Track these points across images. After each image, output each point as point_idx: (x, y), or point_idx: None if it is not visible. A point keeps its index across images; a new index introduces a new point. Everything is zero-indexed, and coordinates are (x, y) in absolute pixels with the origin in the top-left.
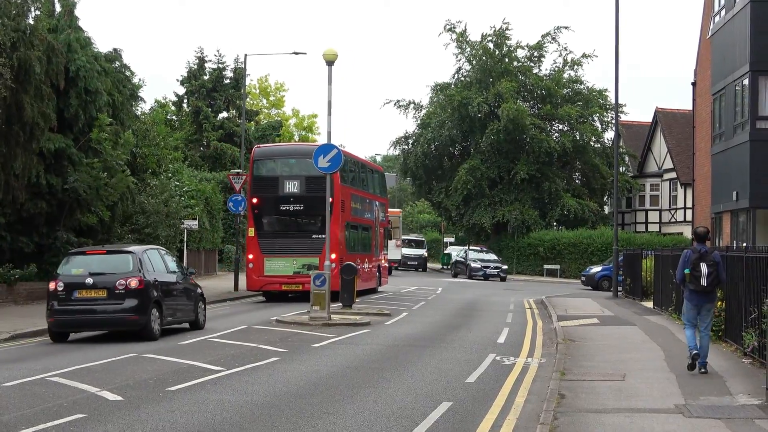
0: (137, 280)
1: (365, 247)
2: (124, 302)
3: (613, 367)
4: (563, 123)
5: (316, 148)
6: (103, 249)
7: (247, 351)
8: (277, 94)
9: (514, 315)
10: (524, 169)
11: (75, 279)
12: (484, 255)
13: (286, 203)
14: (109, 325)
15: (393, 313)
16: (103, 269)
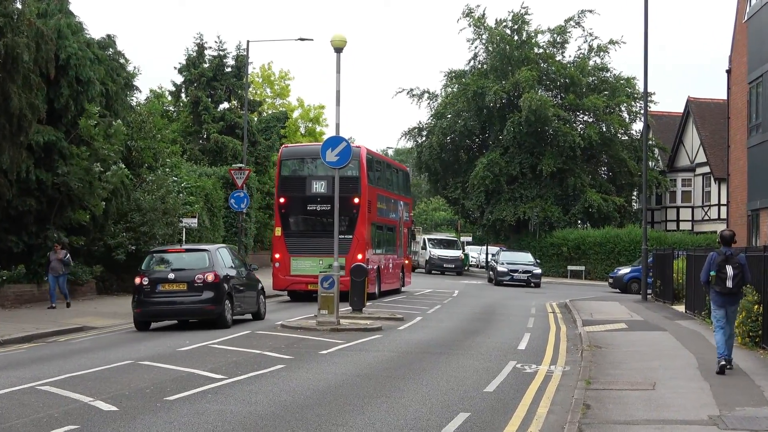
0: (213, 274)
1: (390, 248)
2: (202, 294)
3: (642, 376)
4: (588, 114)
5: (324, 141)
6: (182, 248)
7: (250, 358)
8: (282, 83)
9: (536, 320)
10: (550, 163)
11: (158, 274)
12: (512, 255)
13: (314, 203)
14: (189, 314)
15: (406, 317)
16: (183, 265)
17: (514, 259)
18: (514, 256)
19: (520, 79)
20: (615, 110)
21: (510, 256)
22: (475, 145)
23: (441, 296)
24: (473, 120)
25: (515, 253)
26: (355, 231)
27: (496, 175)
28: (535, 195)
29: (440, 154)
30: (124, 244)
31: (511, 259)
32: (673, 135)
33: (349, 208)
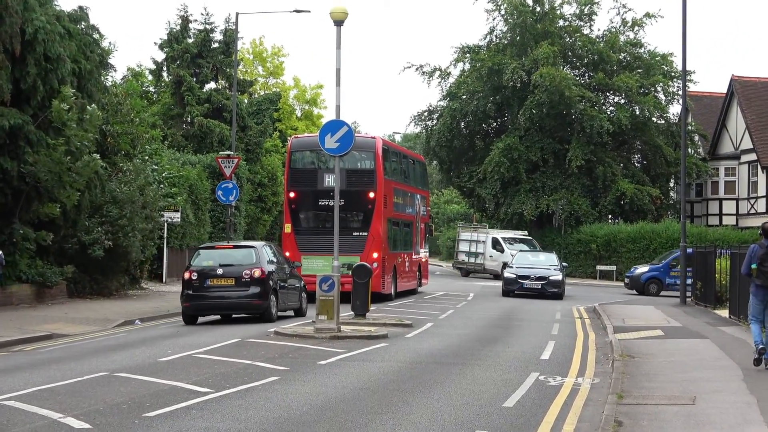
0: (260, 270)
1: (406, 245)
2: (249, 289)
3: (680, 389)
4: (619, 95)
5: (323, 125)
6: (230, 244)
7: (239, 369)
8: (275, 61)
9: (561, 326)
10: (579, 153)
11: (207, 269)
12: (527, 256)
13: (326, 198)
14: (236, 309)
15: (415, 323)
16: (231, 261)
17: (529, 262)
18: (530, 257)
19: (538, 54)
20: (650, 91)
21: (523, 258)
22: (491, 129)
23: (454, 299)
24: (489, 101)
25: (533, 253)
26: (370, 228)
27: (514, 162)
28: (559, 185)
29: (452, 141)
30: (100, 239)
31: (524, 262)
32: (715, 118)
33: (363, 203)
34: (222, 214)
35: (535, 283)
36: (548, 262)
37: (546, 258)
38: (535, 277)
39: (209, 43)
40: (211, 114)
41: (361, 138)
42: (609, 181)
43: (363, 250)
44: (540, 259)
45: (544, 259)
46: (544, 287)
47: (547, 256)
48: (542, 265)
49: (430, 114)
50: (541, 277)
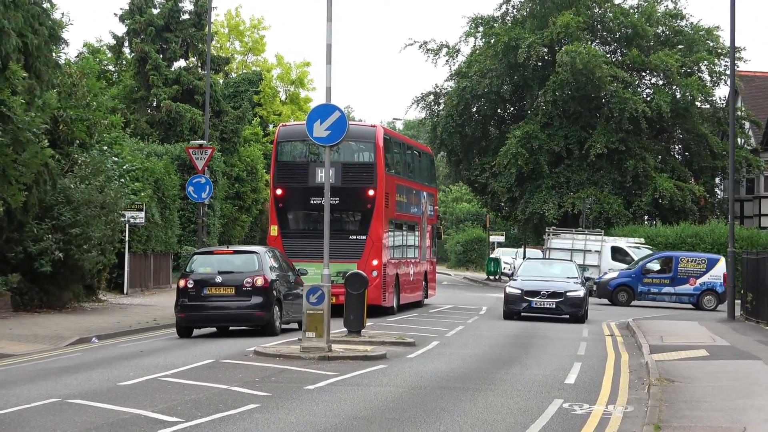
0: (263, 278)
1: (411, 250)
2: (251, 299)
3: (728, 418)
4: (657, 75)
5: (311, 110)
6: (229, 249)
7: (213, 395)
8: (254, 35)
9: (589, 345)
10: (602, 140)
11: (204, 277)
12: (539, 265)
13: (318, 196)
14: (236, 320)
15: (419, 341)
16: (230, 268)
17: (540, 273)
18: (540, 267)
19: (559, 25)
20: (692, 70)
21: (532, 268)
22: (507, 115)
23: (464, 313)
24: (505, 82)
25: (545, 262)
26: (369, 230)
27: (534, 153)
28: (586, 181)
29: (462, 127)
30: (49, 250)
31: (532, 273)
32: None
33: (361, 201)
34: (193, 213)
35: (547, 302)
36: (565, 272)
37: (562, 268)
38: (547, 293)
39: (178, 14)
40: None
41: (358, 126)
42: (645, 177)
43: (361, 257)
44: (554, 270)
45: (560, 270)
46: (560, 307)
47: (564, 266)
48: (557, 277)
49: (436, 97)
50: (555, 293)
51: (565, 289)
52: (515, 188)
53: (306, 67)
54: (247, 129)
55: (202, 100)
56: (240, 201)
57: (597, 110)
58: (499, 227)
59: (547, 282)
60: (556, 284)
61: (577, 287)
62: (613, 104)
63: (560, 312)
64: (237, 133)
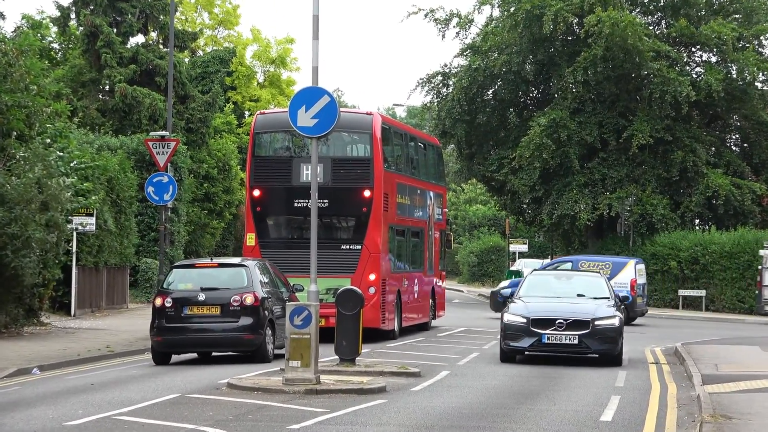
0: (253, 295)
1: (415, 262)
2: (239, 320)
3: None
4: (708, 50)
5: (294, 95)
6: (214, 262)
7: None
8: (225, 5)
9: (629, 375)
10: (645, 129)
11: (185, 294)
12: (551, 280)
13: (304, 198)
14: (222, 345)
15: (425, 371)
16: (215, 284)
17: (556, 290)
18: (554, 282)
19: None
20: (751, 44)
21: (544, 283)
22: (530, 99)
23: (480, 337)
24: (528, 60)
25: (560, 275)
26: (365, 239)
27: (562, 145)
28: (625, 177)
29: (475, 114)
30: None
31: (545, 290)
32: None
33: (356, 204)
34: (154, 219)
35: (566, 335)
36: (591, 289)
37: (586, 283)
38: (565, 321)
39: None
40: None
41: (352, 114)
42: (692, 172)
43: (355, 270)
44: (574, 286)
45: (583, 285)
46: (585, 342)
47: (589, 281)
48: (579, 298)
49: (444, 77)
50: (578, 321)
51: (593, 315)
52: (540, 187)
53: (288, 43)
54: (219, 117)
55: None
56: (210, 204)
57: (637, 92)
58: (520, 234)
59: (564, 304)
60: (579, 308)
61: (609, 312)
62: (656, 85)
63: (585, 350)
64: (206, 123)
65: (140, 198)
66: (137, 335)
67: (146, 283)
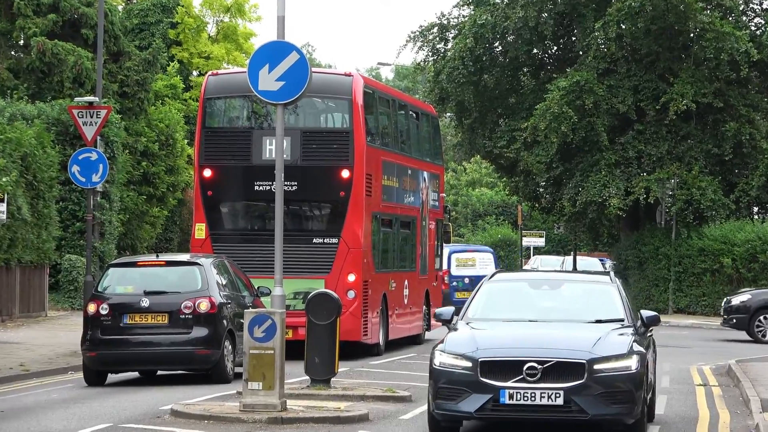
0: (208, 301)
1: (405, 259)
2: (191, 331)
3: None
4: None
5: (255, 52)
6: (160, 259)
7: None
8: None
9: (672, 400)
10: (687, 92)
11: (125, 299)
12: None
13: (266, 179)
14: (171, 361)
15: (417, 394)
16: (162, 286)
17: (532, 307)
18: (537, 292)
19: None
20: None
21: (515, 295)
22: (547, 58)
23: None
24: (545, 10)
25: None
26: (343, 230)
27: (588, 114)
28: (665, 155)
29: (479, 75)
30: None
31: (515, 308)
32: None
33: (331, 187)
34: (79, 206)
35: (543, 390)
36: (592, 304)
37: (584, 293)
38: (542, 365)
39: None
40: (61, 32)
41: (327, 75)
42: (748, 147)
43: (330, 270)
44: (562, 296)
45: (579, 296)
46: (574, 401)
47: (590, 289)
48: (568, 320)
49: (441, 31)
50: (563, 364)
51: (591, 354)
52: (558, 164)
53: None
54: (160, 79)
55: (92, 37)
56: (150, 187)
57: (683, 51)
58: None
59: (543, 333)
60: (567, 339)
61: (622, 345)
62: (706, 42)
63: (576, 414)
64: (145, 86)
65: (62, 180)
66: (59, 350)
67: (70, 286)
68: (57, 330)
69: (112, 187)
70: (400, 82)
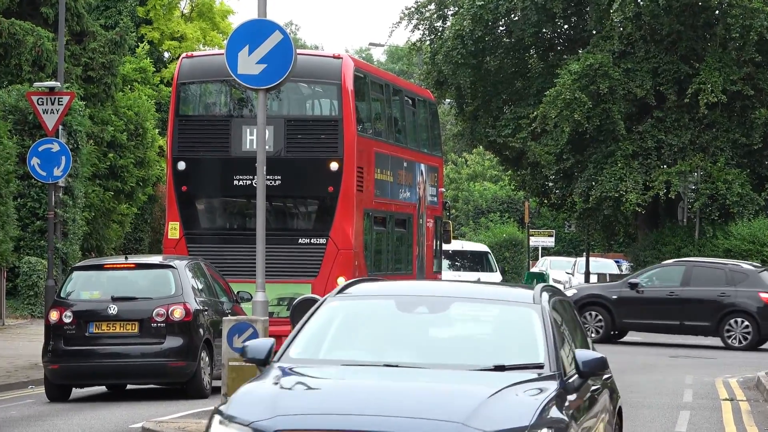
0: (183, 308)
1: (400, 261)
2: (164, 341)
3: None
4: None
5: (234, 31)
6: (129, 262)
7: None
8: None
9: (695, 416)
10: (716, 81)
11: (90, 306)
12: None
13: (247, 173)
14: (141, 375)
15: None
16: (132, 292)
17: (394, 343)
18: (410, 316)
19: None
20: None
21: (370, 321)
22: (557, 38)
23: None
24: None
25: (427, 298)
26: (332, 229)
27: (602, 101)
28: (688, 145)
29: (481, 57)
30: None
31: (366, 344)
32: None
33: (318, 181)
34: (40, 203)
35: None
36: (492, 338)
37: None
38: None
39: None
40: (18, 9)
41: (313, 58)
42: None
43: (318, 273)
44: (452, 322)
45: (479, 327)
46: None
47: (500, 309)
48: (449, 365)
49: (439, 6)
50: None
51: (465, 428)
52: (569, 156)
53: None
54: (129, 62)
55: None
56: (117, 182)
57: (708, 29)
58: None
59: (395, 391)
60: (428, 404)
61: (526, 409)
62: (734, 19)
63: None
64: (111, 70)
65: (21, 174)
66: (18, 362)
67: (29, 291)
68: (15, 340)
69: (76, 182)
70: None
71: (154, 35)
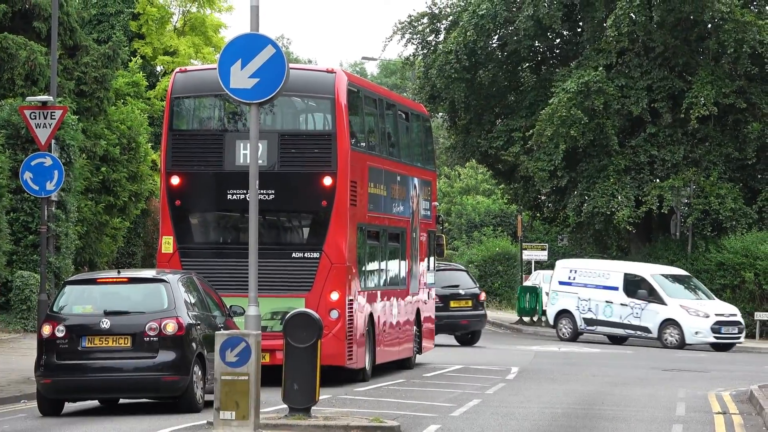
0: (175, 322)
1: (394, 276)
2: (157, 355)
3: None
4: None
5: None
6: (122, 276)
7: None
8: None
9: (688, 429)
10: (708, 94)
11: (83, 320)
12: None
13: (240, 188)
14: (134, 389)
15: (406, 425)
16: (125, 306)
17: None
18: None
19: None
20: None
21: None
22: (552, 53)
23: (481, 378)
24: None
25: None
26: (325, 243)
27: (597, 116)
28: (681, 161)
29: (474, 71)
30: None
31: None
32: None
33: (312, 196)
34: (32, 217)
35: None
36: None
37: None
38: None
39: None
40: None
41: (306, 72)
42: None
43: (311, 287)
44: None
45: None
46: None
47: None
48: None
49: (432, 21)
50: None
51: None
52: (564, 172)
53: None
54: (122, 77)
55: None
56: (110, 196)
57: (699, 43)
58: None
59: None
60: None
61: None
62: (727, 33)
63: None
64: (104, 84)
65: (13, 188)
66: (11, 376)
67: (22, 305)
68: (8, 354)
69: (69, 196)
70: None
71: (146, 50)
